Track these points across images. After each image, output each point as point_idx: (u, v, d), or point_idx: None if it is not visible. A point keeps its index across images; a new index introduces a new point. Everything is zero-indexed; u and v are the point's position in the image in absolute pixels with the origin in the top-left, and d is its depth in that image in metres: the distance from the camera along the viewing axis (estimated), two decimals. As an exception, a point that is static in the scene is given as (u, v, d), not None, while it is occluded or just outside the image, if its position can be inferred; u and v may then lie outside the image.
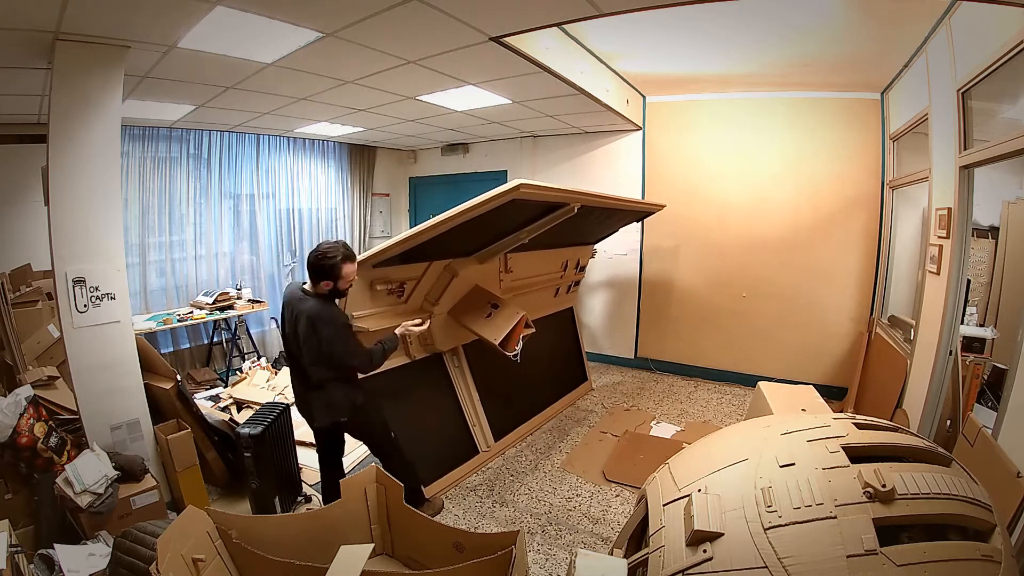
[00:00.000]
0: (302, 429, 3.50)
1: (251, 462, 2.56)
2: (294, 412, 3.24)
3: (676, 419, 4.10)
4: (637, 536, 1.75)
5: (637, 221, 4.85)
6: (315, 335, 2.24)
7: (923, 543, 1.19)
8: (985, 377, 2.85)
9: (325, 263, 2.21)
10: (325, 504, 2.57)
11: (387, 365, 2.92)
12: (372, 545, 1.86)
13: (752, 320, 4.75)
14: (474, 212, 2.27)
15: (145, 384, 2.71)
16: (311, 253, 2.25)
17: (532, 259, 3.72)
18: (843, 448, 1.38)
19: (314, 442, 2.75)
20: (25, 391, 2.44)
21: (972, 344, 2.96)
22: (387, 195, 6.91)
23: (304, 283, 2.34)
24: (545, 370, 4.25)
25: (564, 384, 4.47)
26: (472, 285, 3.25)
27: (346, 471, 3.10)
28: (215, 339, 5.09)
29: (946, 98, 2.64)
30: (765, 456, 1.44)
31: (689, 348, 5.12)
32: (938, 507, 1.25)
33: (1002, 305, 3.39)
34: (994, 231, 3.54)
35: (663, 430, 3.87)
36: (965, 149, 2.49)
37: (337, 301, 2.38)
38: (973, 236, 2.75)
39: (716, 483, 1.44)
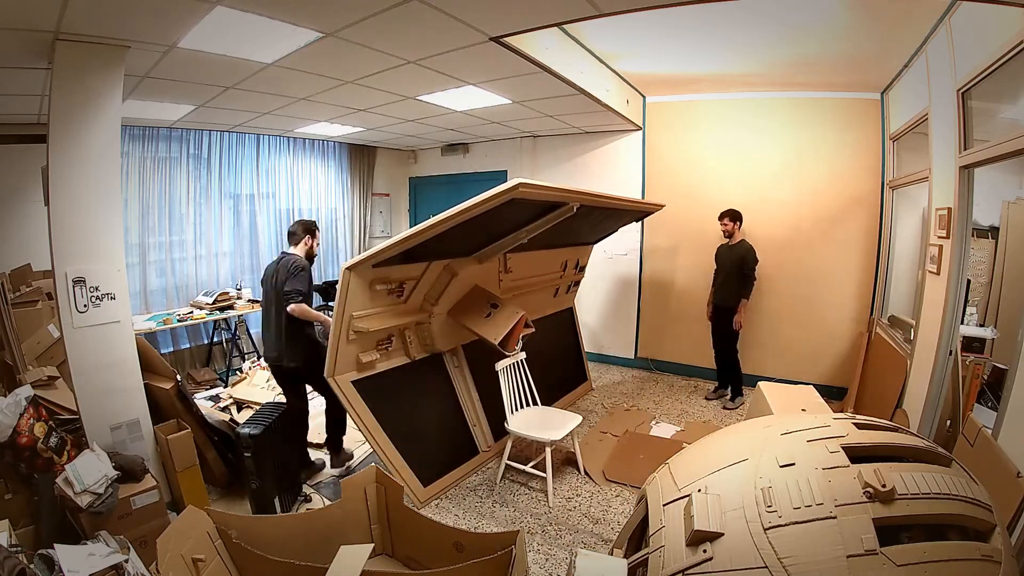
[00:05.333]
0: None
1: (251, 462, 2.55)
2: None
3: (676, 419, 4.10)
4: (637, 536, 1.75)
5: (637, 221, 4.86)
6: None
7: (923, 543, 1.19)
8: (985, 377, 2.85)
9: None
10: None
11: (387, 365, 2.94)
12: (372, 545, 1.87)
13: (752, 320, 4.74)
14: (474, 212, 2.27)
15: (145, 384, 2.71)
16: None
17: (532, 259, 3.71)
18: (843, 448, 1.38)
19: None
20: (25, 391, 2.43)
21: (972, 344, 2.96)
22: (387, 195, 6.91)
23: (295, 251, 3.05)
24: (545, 370, 4.23)
25: (564, 384, 4.46)
26: (472, 285, 3.25)
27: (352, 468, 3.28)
28: (215, 339, 5.09)
29: (946, 98, 2.64)
30: (765, 456, 1.44)
31: (689, 348, 5.12)
32: (938, 507, 1.25)
33: (1002, 305, 3.39)
34: (994, 231, 3.55)
35: (663, 430, 3.87)
36: (965, 149, 2.49)
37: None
38: (973, 236, 2.75)
39: (716, 483, 1.44)
